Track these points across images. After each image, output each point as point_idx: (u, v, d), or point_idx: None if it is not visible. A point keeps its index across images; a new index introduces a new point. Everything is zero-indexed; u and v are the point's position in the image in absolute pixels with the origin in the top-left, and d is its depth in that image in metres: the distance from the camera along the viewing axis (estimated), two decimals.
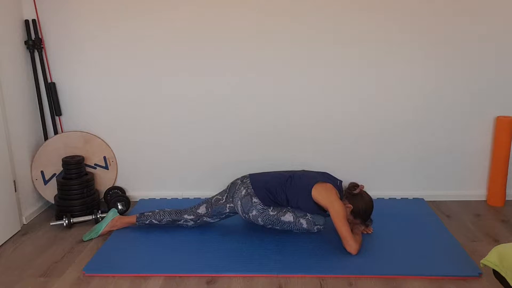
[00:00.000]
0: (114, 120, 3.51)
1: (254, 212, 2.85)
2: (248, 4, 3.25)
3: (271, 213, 2.84)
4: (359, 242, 2.70)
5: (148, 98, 3.46)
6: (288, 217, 2.85)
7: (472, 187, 3.51)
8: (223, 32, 3.31)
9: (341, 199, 2.81)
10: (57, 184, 3.29)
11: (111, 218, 3.04)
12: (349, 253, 2.66)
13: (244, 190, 2.88)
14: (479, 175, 3.49)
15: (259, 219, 2.86)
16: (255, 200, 2.85)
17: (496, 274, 1.99)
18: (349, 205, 2.79)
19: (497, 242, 2.85)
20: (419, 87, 3.35)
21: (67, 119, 3.53)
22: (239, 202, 2.88)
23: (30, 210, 3.35)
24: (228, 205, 2.94)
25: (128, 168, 3.61)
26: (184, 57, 3.36)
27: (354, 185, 2.86)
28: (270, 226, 2.89)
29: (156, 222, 3.02)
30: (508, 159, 3.31)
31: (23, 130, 3.30)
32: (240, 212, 2.91)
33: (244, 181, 2.93)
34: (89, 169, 3.51)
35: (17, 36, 3.27)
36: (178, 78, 3.41)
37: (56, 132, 3.50)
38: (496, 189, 3.39)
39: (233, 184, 2.98)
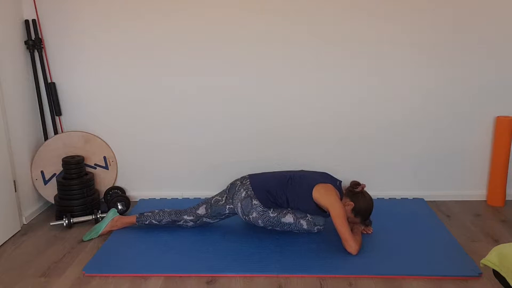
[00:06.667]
0: (114, 120, 3.51)
1: (254, 214, 2.84)
2: (247, 4, 3.25)
3: (271, 215, 2.84)
4: (359, 243, 2.70)
5: (148, 98, 3.46)
6: (289, 218, 2.84)
7: (472, 187, 3.51)
8: (223, 33, 3.31)
9: (341, 199, 2.81)
10: (57, 184, 3.29)
11: (111, 218, 3.04)
12: (349, 253, 2.66)
13: (244, 192, 2.88)
14: (479, 175, 3.49)
15: (259, 221, 2.85)
16: (255, 202, 2.84)
17: (496, 274, 1.99)
18: (351, 203, 2.79)
19: (497, 242, 2.85)
20: (419, 87, 3.35)
21: (67, 119, 3.53)
22: (239, 204, 2.88)
23: (30, 210, 3.35)
24: (227, 206, 2.94)
25: (128, 168, 3.61)
26: (184, 57, 3.36)
27: (356, 183, 2.86)
28: (270, 227, 2.88)
29: (156, 222, 3.01)
30: (508, 159, 3.31)
31: (23, 130, 3.30)
32: (240, 214, 2.90)
33: (244, 182, 2.92)
34: (89, 169, 3.50)
35: (17, 36, 3.27)
36: (178, 78, 3.41)
37: (56, 132, 3.50)
38: (496, 189, 3.39)
39: (233, 185, 2.97)
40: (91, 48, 3.38)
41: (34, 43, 3.33)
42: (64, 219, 3.12)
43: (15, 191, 3.15)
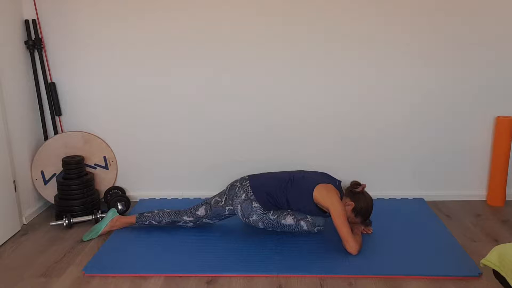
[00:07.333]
0: (114, 120, 3.51)
1: (254, 217, 2.84)
2: (247, 4, 3.25)
3: (272, 217, 2.84)
4: (359, 243, 2.70)
5: (148, 98, 3.46)
6: (289, 220, 2.84)
7: (472, 187, 3.51)
8: (223, 33, 3.31)
9: (341, 199, 2.81)
10: (57, 184, 3.28)
11: (110, 218, 3.04)
12: (349, 253, 2.66)
13: (244, 194, 2.87)
14: (479, 175, 3.49)
15: (260, 223, 2.85)
16: (255, 204, 2.84)
17: (496, 274, 1.99)
18: (351, 203, 2.79)
19: (497, 242, 2.85)
20: (419, 87, 3.35)
21: (67, 119, 3.53)
22: (239, 206, 2.87)
23: (30, 210, 3.35)
24: (227, 208, 2.93)
25: (128, 168, 3.61)
26: (183, 57, 3.36)
27: (356, 183, 2.86)
28: (270, 229, 2.88)
29: (156, 223, 3.01)
30: (508, 159, 3.31)
31: (23, 130, 3.30)
32: (240, 216, 2.90)
33: (244, 184, 2.92)
34: (89, 169, 3.50)
35: (17, 36, 3.27)
36: (178, 78, 3.40)
37: (56, 132, 3.50)
38: (496, 189, 3.39)
39: (232, 186, 2.96)
40: (91, 48, 3.38)
41: (34, 43, 3.33)
42: (64, 219, 3.12)
43: (15, 191, 3.15)
